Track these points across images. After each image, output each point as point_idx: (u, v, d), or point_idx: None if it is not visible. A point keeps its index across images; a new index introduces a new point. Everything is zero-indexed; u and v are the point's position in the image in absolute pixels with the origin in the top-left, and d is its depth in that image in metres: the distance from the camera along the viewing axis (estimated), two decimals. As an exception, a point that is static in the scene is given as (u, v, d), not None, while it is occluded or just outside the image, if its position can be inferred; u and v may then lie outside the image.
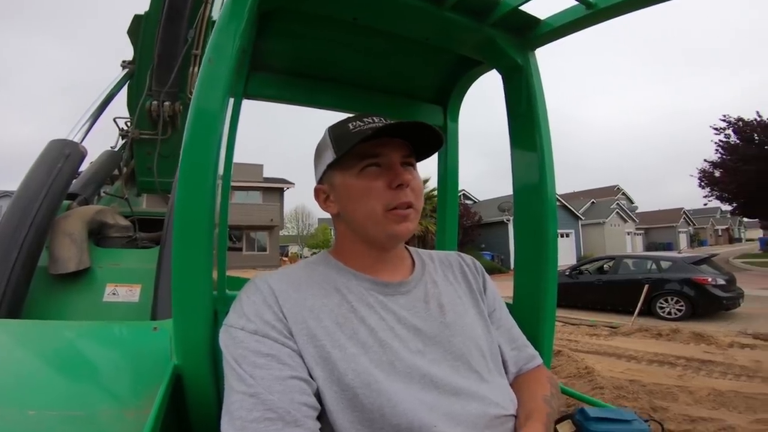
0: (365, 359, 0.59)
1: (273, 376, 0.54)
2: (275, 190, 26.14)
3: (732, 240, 47.32)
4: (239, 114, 0.97)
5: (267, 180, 25.90)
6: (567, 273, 9.84)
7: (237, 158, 0.96)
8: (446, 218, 1.35)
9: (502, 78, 1.02)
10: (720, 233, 46.67)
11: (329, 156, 0.68)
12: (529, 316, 0.94)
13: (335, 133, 0.69)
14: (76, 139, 2.23)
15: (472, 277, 0.80)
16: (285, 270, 0.69)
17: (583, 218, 26.21)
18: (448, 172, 1.33)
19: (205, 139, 0.57)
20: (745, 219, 29.50)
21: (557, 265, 0.94)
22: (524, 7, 0.89)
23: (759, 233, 30.01)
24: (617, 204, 29.70)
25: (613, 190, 38.42)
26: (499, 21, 0.91)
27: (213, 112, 0.58)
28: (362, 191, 0.65)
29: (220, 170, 0.71)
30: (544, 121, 0.95)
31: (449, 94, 1.27)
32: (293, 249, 34.52)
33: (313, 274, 0.68)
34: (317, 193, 0.73)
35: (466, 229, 21.41)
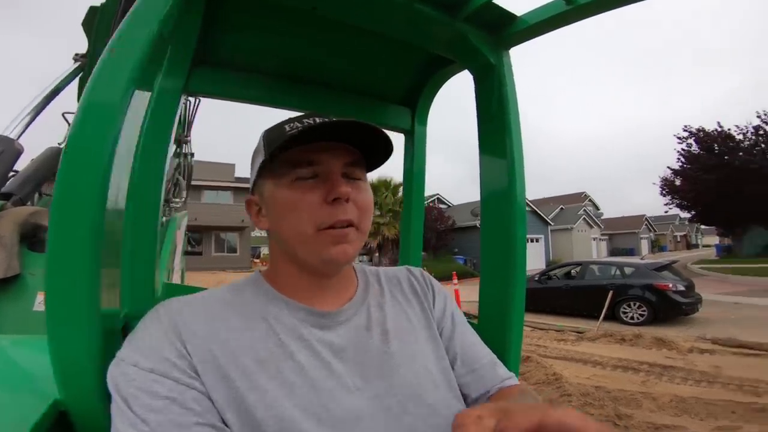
0: (290, 403, 0.49)
1: (173, 422, 0.43)
2: (247, 190, 25.43)
3: (689, 246, 49.73)
4: (176, 111, 0.87)
5: (239, 180, 25.26)
6: (536, 278, 10.03)
7: (208, 158, 0.86)
8: (411, 226, 1.28)
9: (474, 78, 0.97)
10: (679, 239, 49.06)
11: (259, 162, 0.59)
12: (495, 325, 0.89)
13: (270, 136, 0.60)
14: (13, 135, 2.02)
15: (422, 291, 0.71)
16: (200, 295, 0.58)
17: (552, 224, 26.97)
18: (414, 178, 1.27)
19: (92, 138, 0.45)
20: (703, 226, 31.14)
21: (525, 272, 0.89)
22: (499, 2, 0.82)
23: (715, 240, 31.68)
24: (584, 210, 30.73)
25: (581, 197, 39.72)
26: (472, 15, 0.84)
27: (106, 109, 0.47)
28: (292, 205, 0.55)
29: (123, 170, 0.58)
30: (516, 124, 0.90)
31: (418, 96, 1.21)
32: (265, 251, 33.82)
33: (235, 301, 0.57)
34: (248, 204, 0.64)
35: (440, 233, 21.56)
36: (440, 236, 21.51)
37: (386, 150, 0.60)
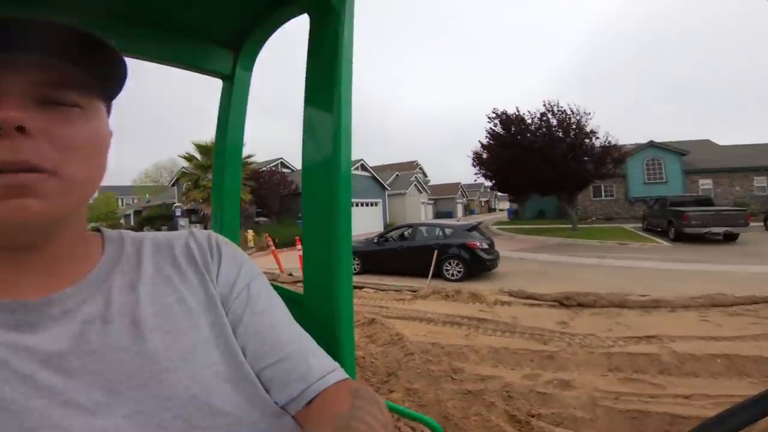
0: None
1: None
2: None
3: (490, 210, 61.56)
4: None
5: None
6: (375, 240, 10.54)
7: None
8: (224, 189, 1.18)
9: (310, 21, 0.89)
10: (483, 204, 60.16)
11: None
12: (322, 299, 0.82)
13: None
14: None
15: (203, 261, 0.52)
16: None
17: (389, 189, 29.12)
18: (230, 128, 1.17)
19: None
20: (499, 193, 38.47)
21: (351, 239, 0.83)
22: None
23: (507, 205, 39.55)
24: (415, 177, 34.28)
25: (413, 165, 44.07)
26: None
27: None
28: None
29: None
30: (348, 78, 0.83)
31: (245, 38, 1.11)
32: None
33: None
34: None
35: (283, 198, 20.71)
36: (284, 201, 20.66)
37: (110, 67, 0.44)
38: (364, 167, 26.26)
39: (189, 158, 18.52)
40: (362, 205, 25.61)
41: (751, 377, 2.91)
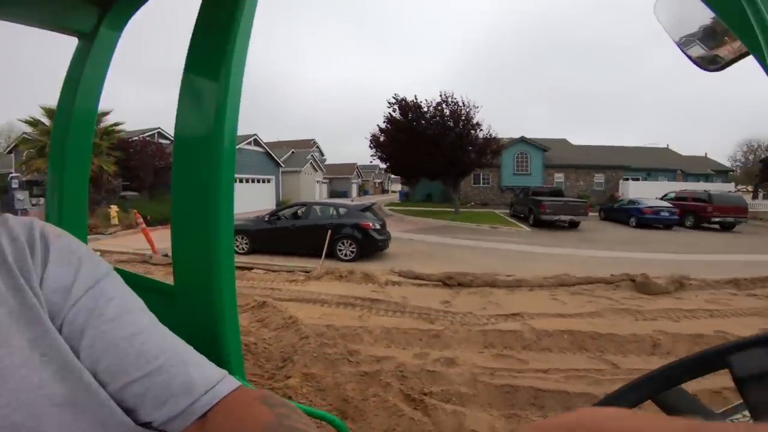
0: None
1: None
2: None
3: (384, 191, 63.74)
4: None
5: None
6: (266, 219, 10.05)
7: None
8: (66, 160, 1.02)
9: None
10: (377, 185, 61.90)
11: None
12: (197, 296, 0.71)
13: None
14: None
15: (17, 259, 0.41)
16: None
17: (283, 166, 27.93)
18: (79, 94, 1.02)
19: None
20: (392, 175, 39.96)
21: (232, 224, 0.75)
22: None
23: (399, 187, 41.38)
24: (312, 155, 33.49)
25: (310, 143, 42.93)
26: None
27: None
28: None
29: None
30: (243, 45, 0.72)
31: None
32: None
33: None
34: None
35: (159, 170, 18.24)
36: (159, 174, 18.19)
37: None
38: (257, 142, 24.63)
39: (33, 123, 15.23)
40: (253, 181, 24.11)
41: (590, 352, 3.53)
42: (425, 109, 20.47)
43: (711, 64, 1.04)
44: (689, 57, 1.04)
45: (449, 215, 19.62)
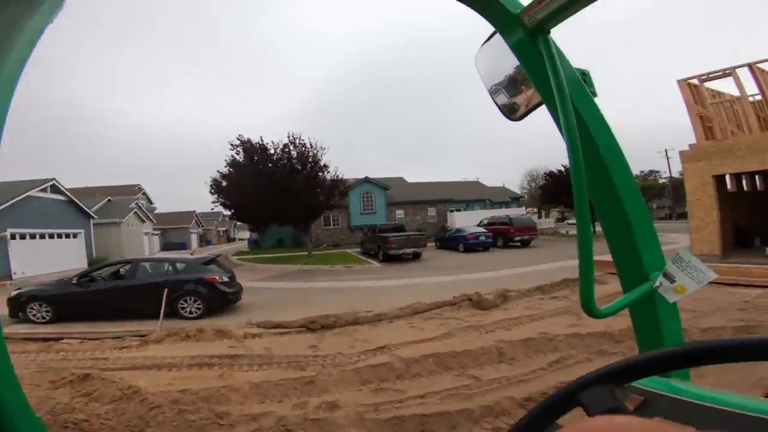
0: None
1: None
2: None
3: (230, 239, 58.75)
4: None
5: None
6: (74, 281, 8.24)
7: None
8: None
9: None
10: (221, 233, 56.80)
11: None
12: None
13: None
14: None
15: None
16: None
17: (96, 217, 23.14)
18: None
19: None
20: (239, 222, 37.53)
21: None
22: None
23: (247, 234, 38.91)
24: (136, 203, 28.81)
25: (134, 189, 36.94)
26: None
27: None
28: None
29: None
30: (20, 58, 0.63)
31: None
32: None
33: None
34: None
35: None
36: None
37: None
38: (56, 188, 19.91)
39: None
40: (52, 236, 19.20)
41: (454, 370, 3.84)
42: (272, 151, 20.05)
43: (511, 112, 1.28)
44: (497, 105, 1.26)
45: (303, 259, 19.31)
